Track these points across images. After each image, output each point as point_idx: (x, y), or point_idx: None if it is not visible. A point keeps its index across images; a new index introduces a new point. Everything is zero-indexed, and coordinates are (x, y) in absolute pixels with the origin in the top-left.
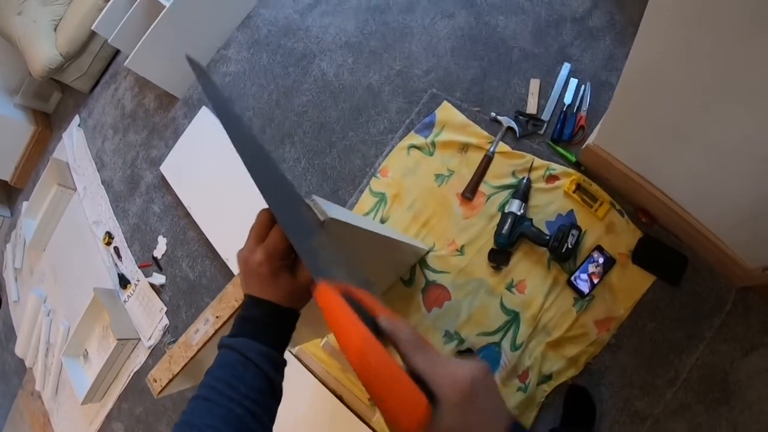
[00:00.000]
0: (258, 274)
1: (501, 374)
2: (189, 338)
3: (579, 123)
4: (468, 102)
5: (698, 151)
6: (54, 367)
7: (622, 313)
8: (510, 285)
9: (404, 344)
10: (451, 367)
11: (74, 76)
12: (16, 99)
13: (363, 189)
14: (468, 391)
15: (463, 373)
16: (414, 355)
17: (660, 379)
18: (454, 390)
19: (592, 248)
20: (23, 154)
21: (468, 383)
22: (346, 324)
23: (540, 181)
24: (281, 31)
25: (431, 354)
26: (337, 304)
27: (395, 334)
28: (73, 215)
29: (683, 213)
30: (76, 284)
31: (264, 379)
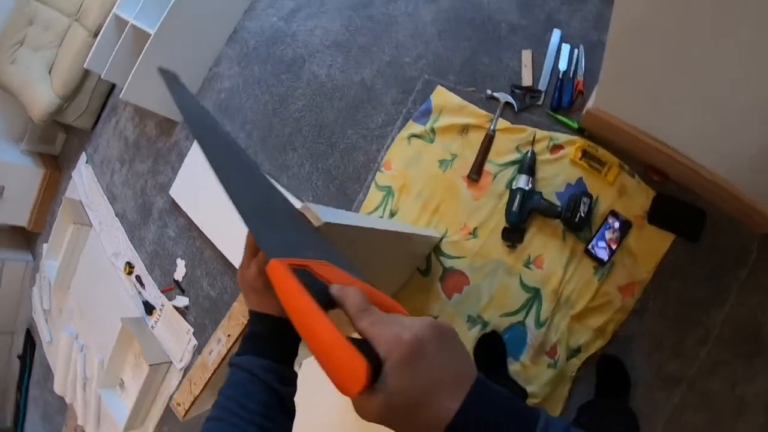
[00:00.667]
0: (254, 288)
1: (529, 353)
2: (205, 359)
3: (577, 88)
4: (462, 83)
5: (699, 99)
6: (93, 400)
7: (644, 276)
8: (527, 262)
9: (351, 309)
10: (395, 327)
11: (75, 115)
12: (22, 146)
13: (369, 185)
14: (412, 350)
15: (408, 331)
16: (360, 319)
17: (691, 339)
18: (397, 349)
19: (606, 214)
20: (36, 198)
21: (411, 341)
22: (291, 296)
23: (545, 152)
24: (269, 41)
25: (378, 315)
26: (283, 278)
27: (342, 300)
28: (93, 250)
29: (694, 165)
30: (104, 317)
31: (271, 394)
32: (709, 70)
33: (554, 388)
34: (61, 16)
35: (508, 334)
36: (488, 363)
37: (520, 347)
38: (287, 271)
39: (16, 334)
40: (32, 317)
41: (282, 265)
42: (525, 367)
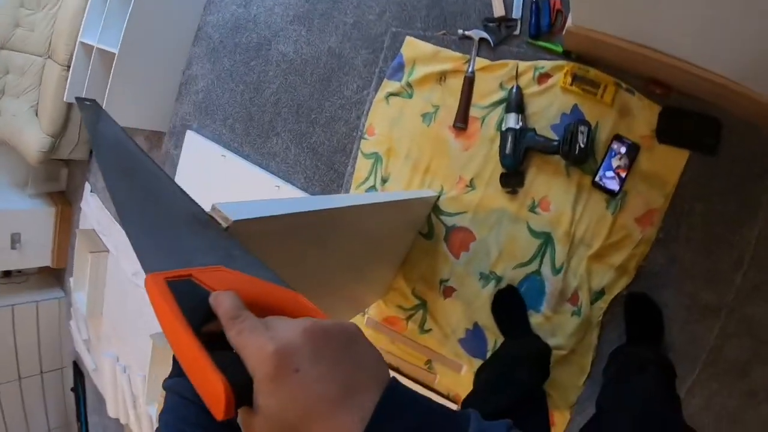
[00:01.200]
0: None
1: (550, 303)
2: None
3: (554, 8)
4: (431, 29)
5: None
6: (144, 417)
7: (662, 201)
8: (532, 206)
9: (222, 317)
10: (261, 337)
11: (69, 148)
12: (28, 190)
13: (356, 155)
14: (278, 363)
15: (274, 341)
16: (228, 329)
17: (724, 263)
18: (262, 364)
19: (610, 139)
20: (54, 236)
21: (276, 353)
22: (159, 312)
23: (531, 85)
24: (232, 30)
25: (246, 324)
26: (154, 293)
27: (215, 308)
28: (115, 274)
29: (697, 70)
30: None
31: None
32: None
33: (581, 337)
34: (33, 57)
35: (525, 286)
36: (508, 320)
37: (539, 298)
38: (160, 285)
39: (65, 369)
40: (75, 349)
41: (155, 279)
42: (547, 318)
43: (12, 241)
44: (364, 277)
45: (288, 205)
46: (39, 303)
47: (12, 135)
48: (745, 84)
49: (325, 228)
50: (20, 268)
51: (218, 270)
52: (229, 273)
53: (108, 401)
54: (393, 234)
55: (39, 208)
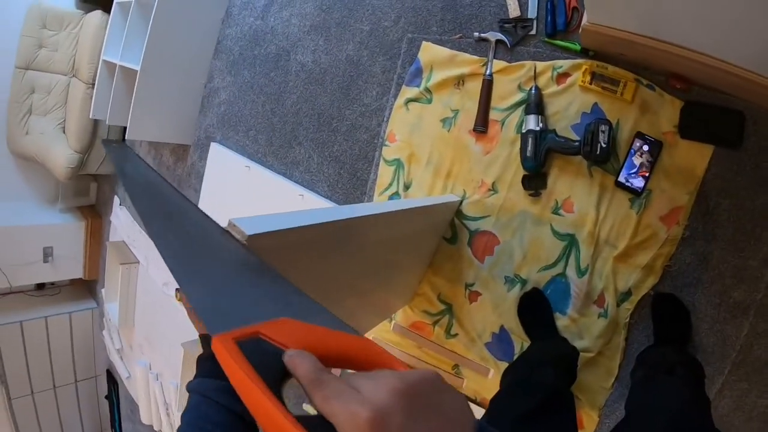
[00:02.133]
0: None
1: (575, 305)
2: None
3: (570, 5)
4: (447, 33)
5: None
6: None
7: (687, 199)
8: (556, 208)
9: (304, 382)
10: (351, 404)
11: (97, 163)
12: (58, 205)
13: (378, 162)
14: (373, 430)
15: (366, 408)
16: (313, 395)
17: (753, 259)
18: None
19: (632, 137)
20: (85, 249)
21: (371, 420)
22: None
23: (550, 85)
24: (251, 42)
25: (331, 388)
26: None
27: (294, 372)
28: (145, 284)
29: (718, 62)
30: (169, 344)
31: (227, 414)
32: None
33: (608, 339)
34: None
35: (550, 288)
36: (534, 323)
37: (565, 301)
38: (230, 348)
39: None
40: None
41: (223, 341)
42: (574, 320)
43: (44, 254)
44: (390, 283)
45: (306, 217)
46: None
47: (41, 152)
48: (764, 73)
49: (349, 236)
50: (53, 280)
51: (284, 322)
52: (295, 324)
53: (141, 408)
54: (417, 240)
55: (69, 222)
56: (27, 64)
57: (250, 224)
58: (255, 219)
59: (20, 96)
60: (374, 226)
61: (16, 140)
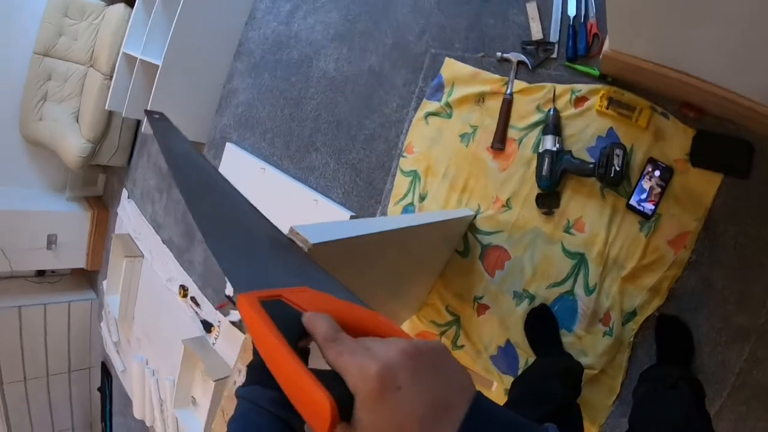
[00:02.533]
0: None
1: (582, 323)
2: (231, 391)
3: (591, 32)
4: (470, 51)
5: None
6: (170, 420)
7: (695, 224)
8: (567, 227)
9: (319, 338)
10: (362, 358)
11: (108, 155)
12: (66, 194)
13: (395, 173)
14: (381, 383)
15: (376, 361)
16: (327, 350)
17: (755, 286)
18: (364, 383)
19: (644, 162)
20: (89, 240)
21: (379, 373)
22: (256, 331)
23: (568, 107)
24: (274, 47)
25: (345, 344)
26: (249, 312)
27: (311, 329)
28: (148, 279)
29: (730, 94)
30: (169, 340)
31: (279, 423)
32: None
33: (612, 357)
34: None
35: (558, 305)
36: (540, 339)
37: (572, 318)
38: (254, 305)
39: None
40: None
41: (249, 298)
42: (579, 338)
43: (48, 241)
44: (400, 293)
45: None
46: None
47: (53, 139)
48: None
49: (374, 247)
50: (55, 268)
51: (304, 291)
52: (314, 293)
53: (135, 403)
54: (431, 251)
55: (76, 211)
56: (46, 50)
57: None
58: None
59: (36, 82)
60: (398, 237)
61: (29, 125)
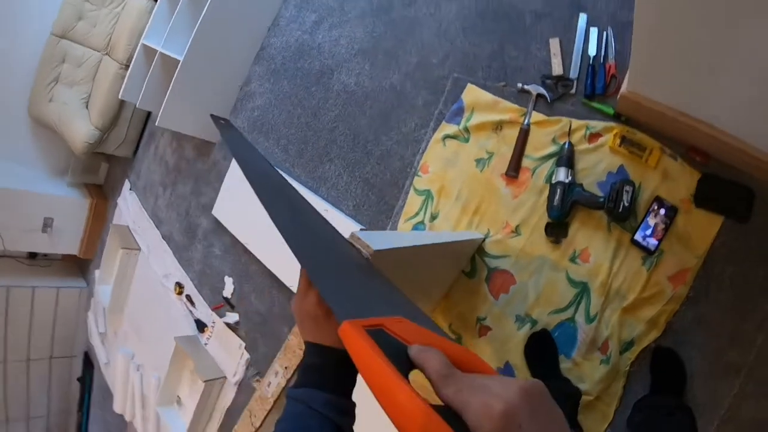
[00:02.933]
0: (314, 317)
1: (581, 350)
2: (263, 392)
3: (609, 73)
4: (492, 79)
5: (737, 72)
6: (152, 418)
7: (695, 262)
8: (573, 256)
9: (434, 374)
10: (484, 396)
11: (115, 144)
12: (67, 178)
13: (408, 190)
14: (505, 422)
15: (499, 401)
16: (443, 387)
17: (748, 324)
18: (489, 422)
19: (651, 200)
20: (85, 227)
21: (504, 413)
22: (367, 362)
23: (582, 142)
24: (295, 55)
25: (464, 382)
26: (358, 343)
27: (423, 364)
28: (143, 273)
29: (738, 143)
30: (158, 337)
31: (332, 427)
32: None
33: (608, 385)
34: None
35: (558, 331)
36: (539, 362)
37: (571, 344)
38: (362, 335)
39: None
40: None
41: (356, 328)
42: (577, 364)
43: (44, 225)
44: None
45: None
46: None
47: (61, 122)
48: None
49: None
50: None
51: (401, 321)
52: (409, 324)
53: (116, 397)
54: (439, 270)
55: (75, 197)
56: (63, 32)
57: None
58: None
59: (51, 63)
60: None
61: (39, 105)
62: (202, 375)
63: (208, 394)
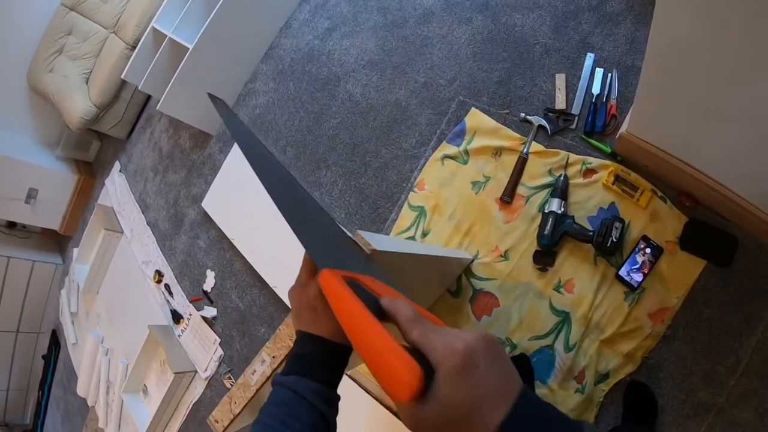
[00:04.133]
0: (313, 307)
1: (557, 377)
2: (247, 379)
3: (610, 112)
4: (496, 105)
5: (734, 127)
6: (115, 404)
7: (675, 302)
8: (558, 285)
9: (403, 319)
10: (448, 338)
11: (110, 124)
12: (57, 151)
13: (402, 205)
14: (465, 360)
15: (461, 341)
16: (412, 329)
17: (721, 366)
18: (450, 359)
19: (638, 239)
20: (69, 203)
21: (465, 351)
22: (344, 302)
23: (577, 176)
24: (304, 58)
25: (430, 327)
26: (336, 286)
27: (394, 311)
28: (123, 257)
29: (727, 192)
30: (131, 323)
31: (317, 416)
32: (748, 103)
33: (581, 414)
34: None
35: (537, 357)
36: None
37: (548, 371)
38: (341, 281)
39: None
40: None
41: (335, 275)
42: (552, 391)
43: (28, 195)
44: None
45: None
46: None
47: (58, 94)
48: (764, 210)
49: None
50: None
51: (372, 280)
52: (382, 284)
53: (80, 379)
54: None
55: (63, 171)
56: (73, 4)
57: (373, 239)
58: (374, 236)
59: (56, 33)
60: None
61: (38, 74)
62: (173, 366)
63: (177, 386)
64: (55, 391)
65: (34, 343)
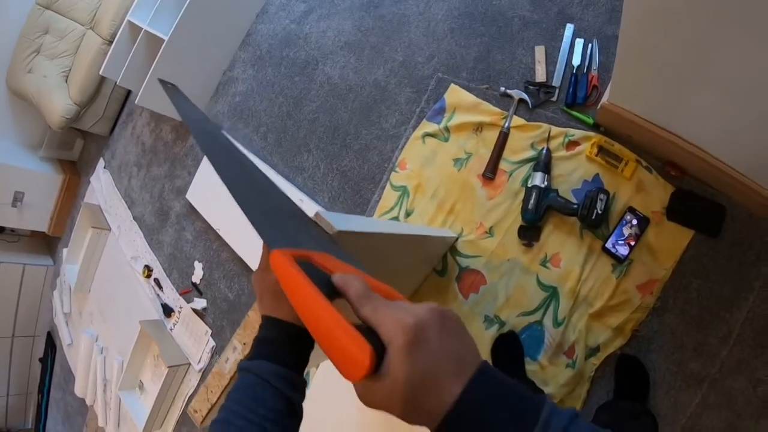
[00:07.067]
0: (274, 291)
1: (547, 353)
2: (221, 368)
3: (591, 83)
4: (475, 81)
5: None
6: (113, 402)
7: (663, 273)
8: (544, 260)
9: (353, 295)
10: (398, 313)
11: (92, 121)
12: (40, 153)
13: (384, 185)
14: (415, 334)
15: (411, 316)
16: (362, 305)
17: (712, 337)
18: (401, 334)
19: (624, 210)
20: (56, 204)
21: (415, 325)
22: (293, 283)
23: (560, 149)
24: (282, 43)
25: (380, 302)
26: (286, 266)
27: (345, 287)
28: (112, 254)
29: (713, 159)
30: (124, 319)
31: (282, 400)
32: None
33: (572, 389)
34: (75, 24)
35: (526, 333)
36: (505, 363)
37: (538, 347)
38: (290, 260)
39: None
40: (53, 320)
41: (285, 256)
42: (543, 367)
43: (14, 199)
44: None
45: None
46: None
47: (38, 95)
48: (751, 177)
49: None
50: (16, 227)
51: (327, 257)
52: (336, 261)
53: (78, 379)
54: (409, 266)
55: (47, 172)
56: (48, 3)
57: (336, 219)
58: (341, 217)
59: (33, 33)
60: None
61: (17, 76)
62: (166, 360)
63: (171, 379)
64: (54, 393)
65: (30, 346)
